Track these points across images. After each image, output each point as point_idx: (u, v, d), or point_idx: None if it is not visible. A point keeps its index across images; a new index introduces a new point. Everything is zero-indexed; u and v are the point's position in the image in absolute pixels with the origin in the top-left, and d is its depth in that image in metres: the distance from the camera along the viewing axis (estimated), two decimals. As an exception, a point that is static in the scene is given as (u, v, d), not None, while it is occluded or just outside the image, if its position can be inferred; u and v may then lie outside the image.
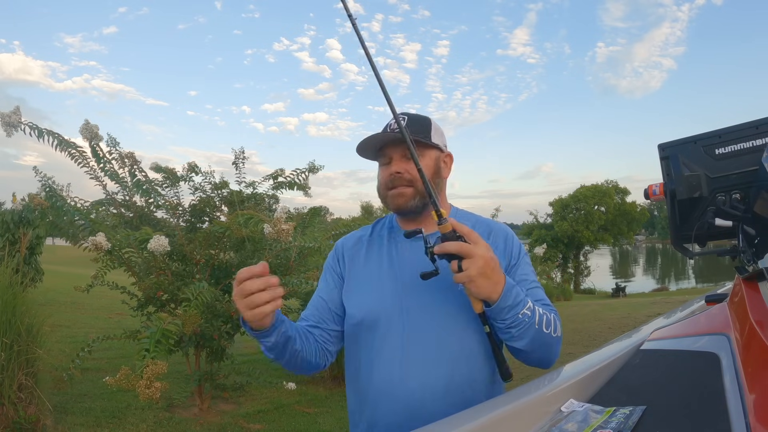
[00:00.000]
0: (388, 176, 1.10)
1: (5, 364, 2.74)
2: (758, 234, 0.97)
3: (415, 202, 1.09)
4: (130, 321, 4.07)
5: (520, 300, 0.92)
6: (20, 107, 2.68)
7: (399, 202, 1.09)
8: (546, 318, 0.96)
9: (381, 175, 1.14)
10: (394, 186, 1.09)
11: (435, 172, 1.12)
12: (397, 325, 1.04)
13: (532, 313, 0.93)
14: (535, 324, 0.93)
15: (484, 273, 0.86)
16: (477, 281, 0.86)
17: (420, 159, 1.05)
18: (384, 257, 1.13)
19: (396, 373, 1.01)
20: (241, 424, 3.50)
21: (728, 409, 0.60)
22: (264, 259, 3.51)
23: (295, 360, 1.03)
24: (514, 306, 0.91)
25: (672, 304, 8.45)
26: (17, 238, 6.05)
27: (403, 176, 1.08)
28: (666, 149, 1.15)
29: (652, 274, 36.20)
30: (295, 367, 1.06)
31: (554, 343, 0.99)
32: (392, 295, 1.06)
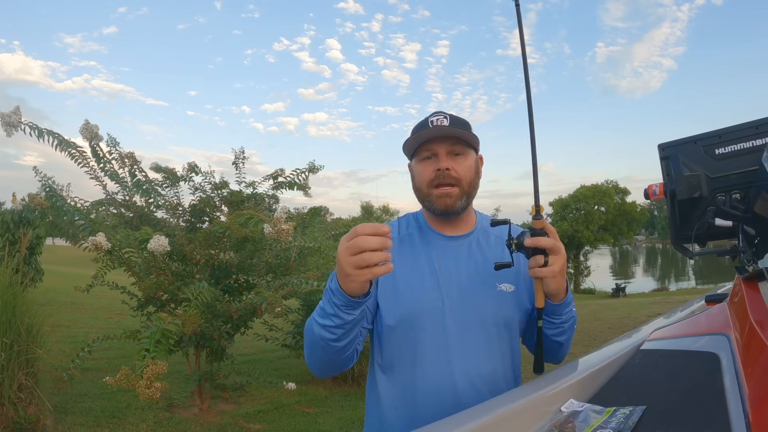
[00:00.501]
0: (432, 172, 1.06)
1: (5, 364, 2.75)
2: (758, 234, 0.97)
3: (462, 202, 1.07)
4: (130, 321, 4.07)
5: (572, 298, 1.00)
6: (20, 107, 2.68)
7: (447, 202, 1.06)
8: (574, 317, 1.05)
9: (422, 171, 1.08)
10: (441, 184, 1.05)
11: (476, 173, 1.11)
12: (441, 325, 1.03)
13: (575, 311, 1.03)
14: (575, 321, 1.03)
15: (563, 271, 0.93)
16: (558, 277, 0.92)
17: (464, 158, 1.07)
18: (422, 258, 1.09)
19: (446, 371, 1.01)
20: (241, 424, 3.50)
21: (728, 409, 0.60)
22: (264, 259, 3.51)
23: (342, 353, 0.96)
24: (569, 303, 0.99)
25: (672, 304, 8.46)
26: (17, 238, 6.05)
27: (451, 173, 1.05)
28: (666, 149, 1.15)
29: (652, 274, 36.22)
30: (334, 363, 0.99)
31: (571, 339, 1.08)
32: (436, 296, 1.05)
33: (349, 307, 0.87)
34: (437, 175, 1.05)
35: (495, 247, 1.11)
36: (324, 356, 0.97)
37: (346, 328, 0.91)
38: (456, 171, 1.05)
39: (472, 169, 1.08)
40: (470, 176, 1.08)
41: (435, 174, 1.05)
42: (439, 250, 1.10)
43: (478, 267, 1.08)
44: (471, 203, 1.11)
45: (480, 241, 1.12)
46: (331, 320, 0.89)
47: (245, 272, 3.57)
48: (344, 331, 0.91)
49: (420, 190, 1.10)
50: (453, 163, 1.06)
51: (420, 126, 1.10)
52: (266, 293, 2.97)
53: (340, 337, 0.92)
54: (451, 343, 1.02)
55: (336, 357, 0.97)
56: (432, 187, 1.06)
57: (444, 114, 1.09)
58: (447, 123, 1.06)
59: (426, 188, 1.08)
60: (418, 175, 1.10)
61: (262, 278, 3.65)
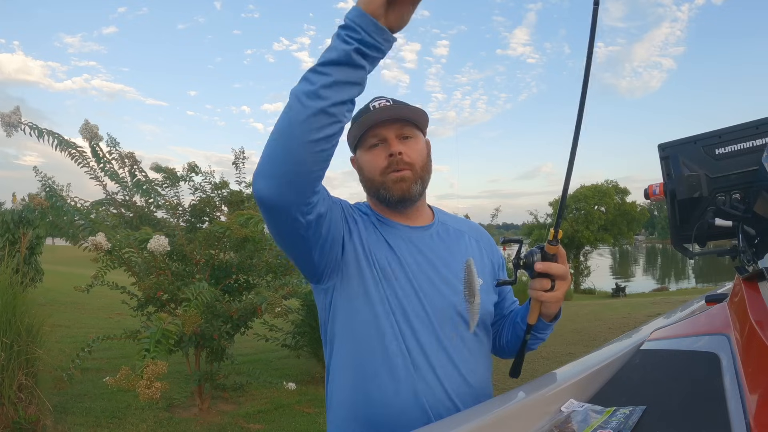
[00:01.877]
0: (385, 159, 0.98)
1: (5, 364, 2.75)
2: (758, 234, 0.97)
3: (418, 186, 1.00)
4: (130, 321, 4.07)
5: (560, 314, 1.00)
6: (20, 107, 2.68)
7: (403, 186, 0.98)
8: None
9: (372, 160, 0.99)
10: (397, 169, 0.97)
11: (427, 157, 1.04)
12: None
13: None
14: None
15: (564, 293, 0.92)
16: (560, 303, 0.93)
17: (415, 141, 1.01)
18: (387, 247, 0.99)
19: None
20: (241, 424, 3.50)
21: (728, 409, 0.60)
22: (264, 259, 3.51)
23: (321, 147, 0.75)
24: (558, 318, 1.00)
25: (672, 304, 8.46)
26: (17, 238, 6.05)
27: (403, 159, 0.97)
28: (666, 149, 1.15)
29: (652, 274, 36.20)
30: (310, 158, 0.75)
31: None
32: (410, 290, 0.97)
33: (388, 39, 0.73)
34: (390, 161, 0.97)
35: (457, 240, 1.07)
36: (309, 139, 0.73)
37: (359, 77, 0.74)
38: (408, 155, 0.98)
39: (423, 152, 1.02)
40: (423, 159, 1.01)
41: (388, 161, 0.97)
42: (406, 241, 1.01)
43: (447, 260, 1.01)
44: (425, 189, 1.04)
45: (441, 233, 1.06)
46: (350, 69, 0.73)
47: (245, 272, 3.56)
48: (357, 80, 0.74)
49: (372, 181, 1.00)
50: (404, 146, 0.98)
51: (360, 112, 1.01)
52: (266, 293, 2.97)
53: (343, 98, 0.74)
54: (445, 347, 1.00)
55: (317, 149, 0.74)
56: (385, 174, 0.98)
57: (385, 98, 1.02)
58: (391, 104, 1.00)
59: (379, 176, 0.99)
60: (367, 164, 1.00)
61: (262, 278, 3.65)
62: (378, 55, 0.74)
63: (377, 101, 1.01)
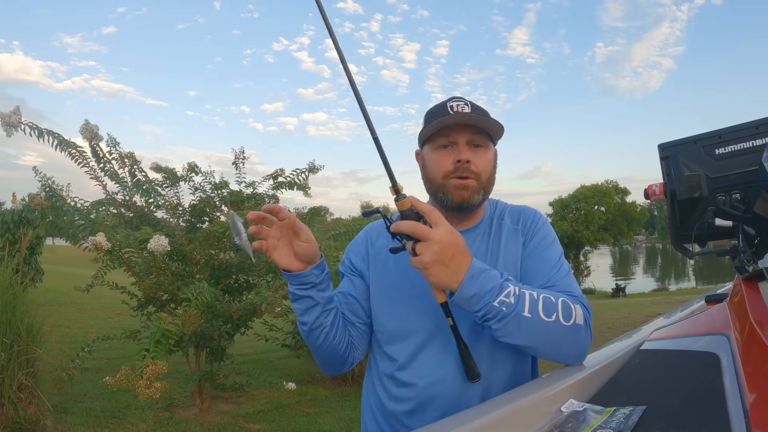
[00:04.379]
0: (452, 164, 0.97)
1: (5, 364, 2.75)
2: (758, 234, 0.97)
3: (479, 197, 0.98)
4: (130, 321, 4.07)
5: (491, 287, 0.80)
6: (20, 107, 2.68)
7: (464, 195, 0.97)
8: (547, 303, 0.83)
9: (438, 160, 0.99)
10: (461, 176, 0.96)
11: (494, 168, 1.03)
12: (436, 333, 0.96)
13: (517, 300, 0.80)
14: (523, 312, 0.80)
15: (440, 260, 0.77)
16: (431, 268, 0.78)
17: (485, 151, 1.00)
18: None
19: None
20: (241, 424, 3.50)
21: (728, 410, 0.60)
22: (264, 259, 3.51)
23: (327, 343, 0.95)
24: (482, 295, 0.79)
25: (672, 304, 8.46)
26: (17, 238, 6.05)
27: (470, 167, 0.96)
28: (666, 149, 1.15)
29: (652, 274, 36.21)
30: (329, 353, 0.97)
31: (567, 333, 0.84)
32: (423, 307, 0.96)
33: (295, 283, 0.89)
34: (457, 167, 0.96)
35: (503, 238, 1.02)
36: (314, 347, 0.97)
37: (306, 306, 0.91)
38: (476, 164, 0.97)
39: (491, 163, 1.01)
40: (489, 171, 1.00)
41: (454, 166, 0.96)
42: None
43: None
44: (485, 200, 1.03)
45: (485, 234, 1.03)
46: (296, 304, 0.92)
47: (245, 272, 3.57)
48: (306, 308, 0.91)
49: (433, 181, 1.00)
50: (473, 155, 0.97)
51: (438, 110, 1.01)
52: (266, 293, 2.97)
53: (309, 321, 0.92)
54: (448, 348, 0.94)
55: (325, 346, 0.95)
56: (448, 178, 0.98)
57: (464, 100, 1.00)
58: (468, 110, 0.98)
59: (441, 178, 0.98)
60: (432, 164, 1.00)
61: (262, 278, 3.65)
62: (304, 290, 0.90)
63: (456, 102, 1.00)
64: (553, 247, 1.00)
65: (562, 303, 0.85)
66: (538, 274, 0.96)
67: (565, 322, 0.84)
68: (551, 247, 1.00)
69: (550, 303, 0.84)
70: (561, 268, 0.97)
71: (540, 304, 0.83)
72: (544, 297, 0.84)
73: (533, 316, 0.81)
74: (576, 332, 0.86)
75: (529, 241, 1.00)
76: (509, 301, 0.80)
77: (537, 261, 0.98)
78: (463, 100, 1.00)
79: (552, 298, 0.85)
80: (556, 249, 1.00)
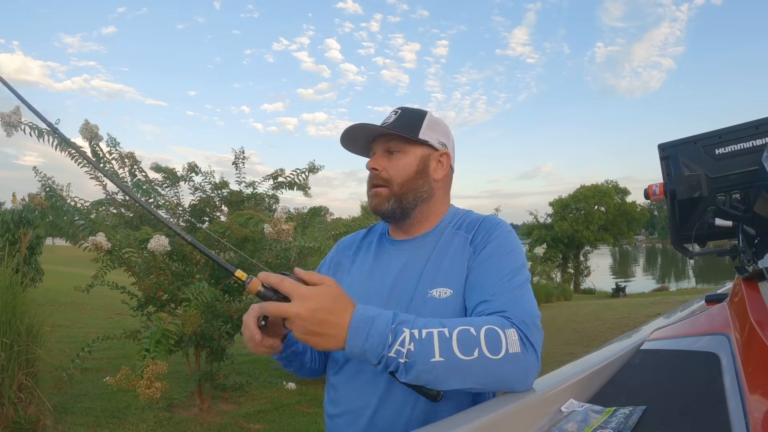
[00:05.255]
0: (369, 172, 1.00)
1: (5, 364, 2.75)
2: (758, 234, 0.97)
3: (390, 204, 0.96)
4: (130, 321, 4.07)
5: (380, 339, 0.71)
6: (20, 107, 2.68)
7: (374, 202, 0.99)
8: (465, 339, 0.72)
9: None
10: (375, 185, 0.99)
11: (417, 172, 0.97)
12: None
13: (421, 344, 0.71)
14: (432, 358, 0.71)
15: (309, 330, 0.70)
16: (308, 341, 0.71)
17: (401, 156, 0.98)
18: (366, 265, 1.02)
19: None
20: (241, 424, 3.50)
21: (728, 409, 0.60)
22: (264, 259, 3.51)
23: (303, 369, 1.06)
24: (372, 349, 0.71)
25: (672, 304, 8.46)
26: (17, 238, 6.06)
27: (380, 174, 0.97)
28: (666, 149, 1.15)
29: (652, 274, 36.19)
30: (303, 374, 1.09)
31: (499, 366, 0.73)
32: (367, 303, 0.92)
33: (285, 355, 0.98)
34: (369, 175, 1.00)
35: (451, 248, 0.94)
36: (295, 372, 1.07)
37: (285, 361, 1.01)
38: (387, 171, 0.97)
39: (410, 167, 0.97)
40: (404, 176, 0.96)
41: (369, 175, 1.00)
42: (383, 257, 1.01)
43: (410, 273, 0.94)
44: (411, 206, 0.97)
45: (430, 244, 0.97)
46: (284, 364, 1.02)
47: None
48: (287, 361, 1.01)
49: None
50: (386, 162, 0.97)
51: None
52: (266, 293, 2.96)
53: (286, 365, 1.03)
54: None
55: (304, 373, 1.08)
56: (369, 188, 1.01)
57: (396, 109, 1.01)
58: (393, 118, 0.98)
59: (367, 189, 1.02)
60: None
61: (262, 278, 3.64)
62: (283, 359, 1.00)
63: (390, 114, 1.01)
64: (507, 258, 0.89)
65: (486, 334, 0.74)
66: (478, 287, 0.87)
67: (493, 355, 0.73)
68: (504, 258, 0.89)
69: (469, 338, 0.73)
70: (510, 280, 0.85)
71: (454, 343, 0.72)
72: (459, 332, 0.73)
73: (448, 359, 0.71)
74: (511, 362, 0.74)
75: (479, 252, 0.91)
76: (409, 349, 0.71)
77: (482, 273, 0.88)
78: (396, 109, 1.01)
79: (472, 331, 0.73)
80: (509, 261, 0.89)
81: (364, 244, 1.08)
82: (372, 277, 0.99)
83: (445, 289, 0.89)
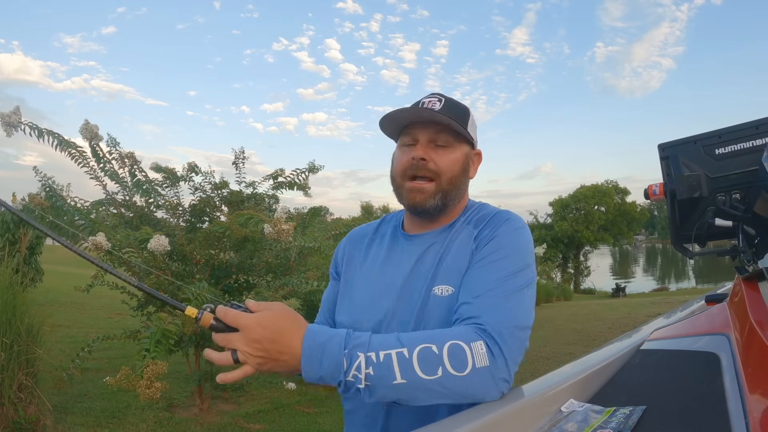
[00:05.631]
0: (408, 160, 0.90)
1: (5, 364, 2.75)
2: (758, 234, 0.97)
3: (436, 201, 0.90)
4: (130, 321, 4.07)
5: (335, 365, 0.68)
6: (20, 107, 2.68)
7: (417, 198, 0.90)
8: (427, 358, 0.70)
9: (399, 158, 0.93)
10: (415, 176, 0.90)
11: (462, 170, 0.93)
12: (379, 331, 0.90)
13: (380, 368, 0.68)
14: (394, 381, 0.68)
15: (262, 358, 0.69)
16: (263, 368, 0.71)
17: (449, 150, 0.91)
18: (378, 260, 0.98)
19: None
20: (241, 424, 3.50)
21: (728, 410, 0.60)
22: (264, 259, 3.51)
23: None
24: (329, 375, 0.69)
25: (672, 304, 8.46)
26: (17, 238, 6.06)
27: (428, 165, 0.89)
28: (666, 149, 1.15)
29: (652, 274, 36.20)
30: None
31: (465, 382, 0.70)
32: (378, 300, 0.93)
33: None
34: (411, 164, 0.90)
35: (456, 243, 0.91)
36: None
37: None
38: (435, 163, 0.89)
39: (457, 163, 0.92)
40: (453, 172, 0.91)
41: (410, 163, 0.90)
42: (395, 251, 0.97)
43: (421, 269, 0.91)
44: (450, 204, 0.93)
45: (444, 239, 0.93)
46: None
47: (245, 272, 3.56)
48: None
49: (393, 180, 0.95)
50: (434, 154, 0.90)
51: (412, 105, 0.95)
52: (266, 293, 2.97)
53: None
54: None
55: None
56: (406, 179, 0.91)
57: (439, 96, 0.93)
58: (439, 107, 0.90)
59: (399, 178, 0.93)
60: (395, 161, 0.95)
61: (262, 278, 3.65)
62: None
63: (429, 98, 0.93)
64: (507, 259, 0.84)
65: (450, 350, 0.70)
66: (467, 286, 0.83)
67: (458, 372, 0.70)
68: (500, 261, 0.83)
69: (431, 356, 0.70)
70: (502, 283, 0.80)
71: (415, 363, 0.69)
72: (421, 351, 0.70)
73: (410, 380, 0.69)
74: (478, 376, 0.71)
75: (481, 249, 0.86)
76: (368, 373, 0.68)
77: (475, 272, 0.84)
78: (438, 96, 0.93)
79: (434, 349, 0.70)
80: (508, 262, 0.83)
81: (377, 237, 1.03)
82: (384, 273, 0.95)
83: (447, 286, 0.86)
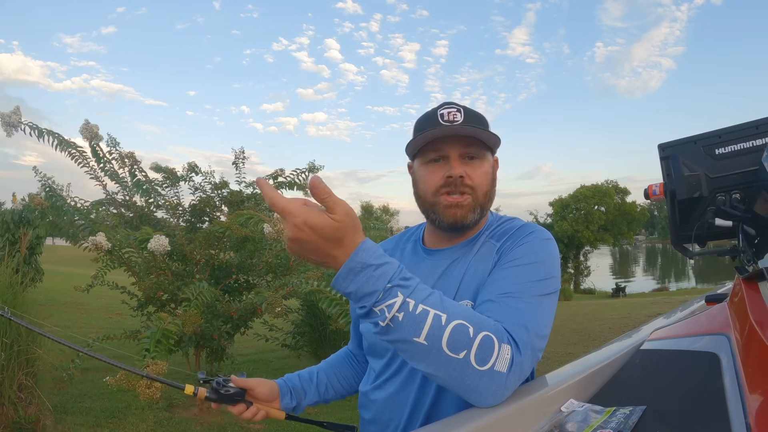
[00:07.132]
0: (442, 179, 0.88)
1: (5, 364, 2.75)
2: (758, 234, 0.97)
3: (475, 215, 0.89)
4: (130, 321, 4.07)
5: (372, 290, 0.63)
6: (20, 107, 2.68)
7: (458, 214, 0.88)
8: (459, 335, 0.65)
9: (428, 176, 0.90)
10: (452, 192, 0.88)
11: (492, 181, 0.93)
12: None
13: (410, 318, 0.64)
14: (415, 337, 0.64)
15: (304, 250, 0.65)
16: (297, 254, 0.66)
17: (480, 162, 0.90)
18: None
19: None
20: (241, 424, 3.50)
21: (728, 410, 0.60)
22: (264, 259, 3.52)
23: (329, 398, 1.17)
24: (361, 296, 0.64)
25: (672, 304, 8.46)
26: (17, 238, 6.06)
27: (465, 182, 0.87)
28: (666, 149, 1.15)
29: (652, 274, 36.22)
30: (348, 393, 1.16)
31: (476, 378, 0.66)
32: None
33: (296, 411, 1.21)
34: (447, 182, 0.88)
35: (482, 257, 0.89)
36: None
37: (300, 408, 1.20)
38: (471, 178, 0.88)
39: (488, 175, 0.91)
40: (486, 184, 0.90)
41: (445, 181, 0.88)
42: (419, 268, 0.93)
43: (441, 285, 0.88)
44: (483, 218, 0.92)
45: (467, 253, 0.91)
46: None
47: (245, 272, 3.57)
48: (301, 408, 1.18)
49: (424, 199, 0.91)
50: (467, 168, 0.88)
51: (426, 120, 0.91)
52: (266, 293, 2.97)
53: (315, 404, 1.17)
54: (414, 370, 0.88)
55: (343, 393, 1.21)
56: (440, 195, 0.89)
57: (456, 106, 0.90)
58: (461, 118, 0.88)
59: (432, 196, 0.89)
60: (422, 180, 0.91)
61: (262, 278, 3.66)
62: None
63: (447, 109, 0.89)
64: (532, 267, 0.82)
65: (482, 341, 0.66)
66: (492, 284, 0.81)
67: (478, 365, 0.66)
68: (528, 266, 0.82)
69: (463, 335, 0.65)
70: (526, 291, 0.78)
71: (446, 334, 0.65)
72: (455, 326, 0.65)
73: (430, 345, 0.65)
74: (491, 379, 0.67)
75: (506, 254, 0.85)
76: (395, 316, 0.64)
77: (500, 273, 0.83)
78: (455, 106, 0.90)
79: (470, 330, 0.66)
80: (535, 269, 0.81)
81: (396, 252, 1.01)
82: None
83: (467, 301, 0.85)
